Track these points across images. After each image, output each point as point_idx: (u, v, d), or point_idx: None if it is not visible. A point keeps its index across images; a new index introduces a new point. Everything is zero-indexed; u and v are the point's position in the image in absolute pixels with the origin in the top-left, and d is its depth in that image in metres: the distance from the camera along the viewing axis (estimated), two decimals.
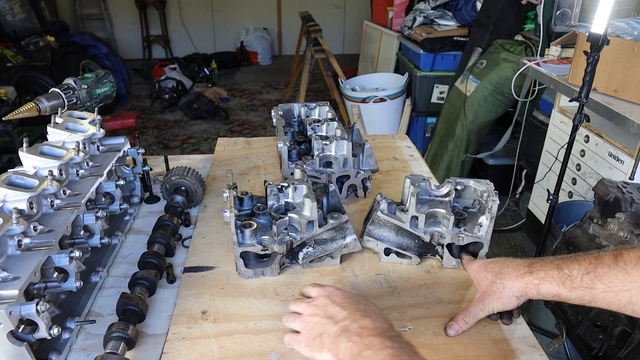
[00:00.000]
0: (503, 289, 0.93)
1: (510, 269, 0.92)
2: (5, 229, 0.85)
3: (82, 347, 0.97)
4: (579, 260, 0.84)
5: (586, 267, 0.82)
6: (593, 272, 0.81)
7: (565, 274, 0.84)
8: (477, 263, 1.02)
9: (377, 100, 4.64)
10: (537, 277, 0.88)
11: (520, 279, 0.90)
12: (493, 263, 0.98)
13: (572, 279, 0.83)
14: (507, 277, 0.92)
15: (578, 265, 0.83)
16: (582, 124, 2.30)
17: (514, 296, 0.92)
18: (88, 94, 1.38)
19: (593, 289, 0.81)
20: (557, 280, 0.85)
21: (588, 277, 0.81)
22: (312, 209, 1.12)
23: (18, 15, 6.07)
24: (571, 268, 0.84)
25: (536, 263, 0.90)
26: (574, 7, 1.86)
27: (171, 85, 6.51)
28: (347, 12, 9.15)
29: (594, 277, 0.80)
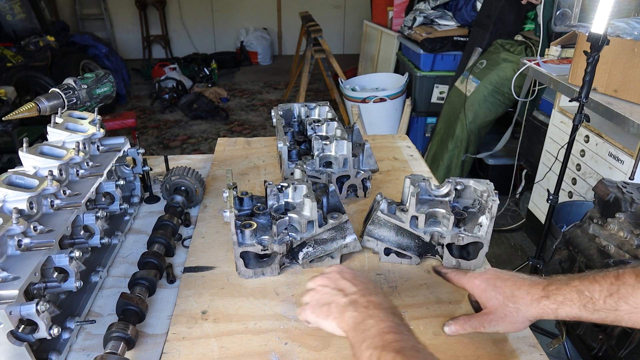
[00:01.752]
0: (517, 314, 0.89)
1: (524, 292, 0.88)
2: (5, 229, 0.85)
3: (82, 347, 0.97)
4: (598, 282, 0.81)
5: (608, 289, 0.79)
6: (616, 294, 0.78)
7: (586, 297, 0.81)
8: (481, 279, 0.96)
9: (377, 100, 4.64)
10: (554, 301, 0.84)
11: (536, 303, 0.86)
12: (502, 282, 0.92)
13: (594, 302, 0.80)
14: (521, 302, 0.88)
15: (599, 287, 0.80)
16: (582, 124, 2.30)
17: (527, 320, 0.89)
18: (88, 94, 1.38)
19: (617, 310, 0.79)
20: (577, 304, 0.82)
21: (611, 299, 0.79)
22: (312, 209, 1.12)
23: (18, 15, 6.07)
24: (592, 290, 0.81)
25: (551, 285, 0.86)
26: (574, 7, 1.86)
27: (171, 85, 6.51)
28: (347, 12, 9.15)
29: (618, 299, 0.78)
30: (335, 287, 0.88)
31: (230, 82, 7.68)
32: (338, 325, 0.82)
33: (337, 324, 0.82)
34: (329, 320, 0.84)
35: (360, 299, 0.82)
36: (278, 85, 7.52)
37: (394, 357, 0.69)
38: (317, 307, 0.87)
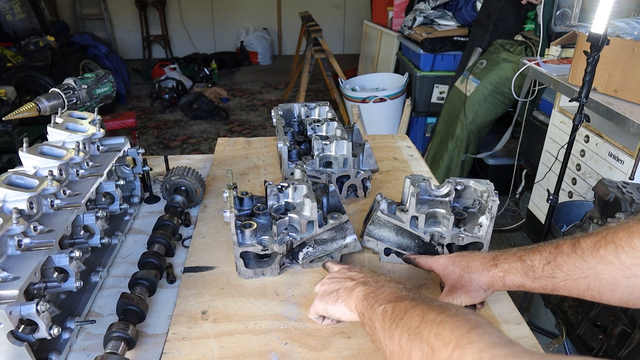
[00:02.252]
0: (471, 283, 0.94)
1: (477, 263, 0.93)
2: (5, 229, 0.85)
3: (82, 347, 0.97)
4: (539, 251, 0.85)
5: (546, 257, 0.83)
6: (553, 262, 0.82)
7: (527, 265, 0.85)
8: (444, 257, 1.02)
9: (377, 100, 4.64)
10: (501, 269, 0.89)
11: (486, 272, 0.91)
12: (460, 257, 0.98)
13: (534, 270, 0.84)
14: (475, 271, 0.93)
15: (539, 256, 0.84)
16: (582, 124, 2.30)
17: (481, 289, 0.93)
18: (88, 94, 1.38)
19: (554, 277, 0.82)
20: (520, 271, 0.86)
21: (549, 267, 0.82)
22: (312, 209, 1.12)
23: (18, 15, 6.07)
24: (532, 259, 0.85)
25: (500, 255, 0.91)
26: (574, 7, 1.86)
27: (171, 85, 6.51)
28: (347, 12, 9.15)
29: (555, 267, 0.82)
30: (343, 276, 0.91)
31: (230, 82, 7.68)
32: (347, 305, 0.84)
33: (345, 305, 0.85)
34: (337, 305, 0.86)
35: (369, 279, 0.86)
36: (278, 85, 7.52)
37: (409, 302, 0.72)
38: (325, 296, 0.90)
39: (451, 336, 0.59)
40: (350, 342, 0.97)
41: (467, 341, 0.57)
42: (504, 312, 1.06)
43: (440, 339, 0.60)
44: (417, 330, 0.65)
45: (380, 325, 0.73)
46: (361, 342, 0.97)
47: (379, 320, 0.74)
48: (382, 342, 0.72)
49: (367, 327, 0.78)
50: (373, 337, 0.76)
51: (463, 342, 0.57)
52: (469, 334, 0.58)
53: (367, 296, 0.81)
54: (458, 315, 0.64)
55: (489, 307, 1.07)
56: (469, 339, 0.57)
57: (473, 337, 0.57)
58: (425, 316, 0.66)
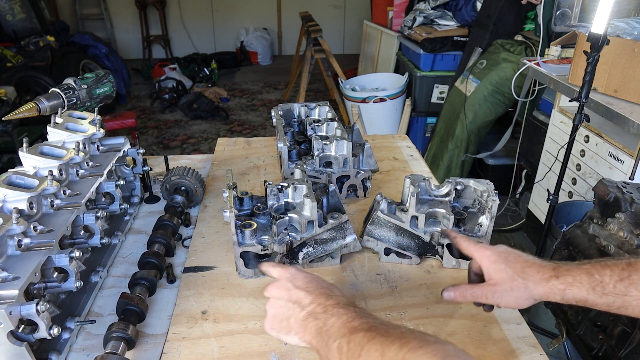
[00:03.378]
0: (524, 290, 0.88)
1: (534, 270, 0.88)
2: (5, 229, 0.85)
3: (82, 347, 0.97)
4: (610, 267, 0.82)
5: (619, 274, 0.80)
6: (627, 280, 0.79)
7: (596, 279, 0.81)
8: (492, 250, 0.95)
9: (377, 100, 4.64)
10: (563, 281, 0.84)
11: (544, 282, 0.86)
12: (513, 257, 0.92)
13: (604, 286, 0.80)
14: (531, 279, 0.87)
15: (610, 272, 0.81)
16: (582, 124, 2.30)
17: (532, 298, 0.89)
18: (88, 94, 1.38)
19: (626, 295, 0.79)
20: (586, 286, 0.82)
21: (622, 284, 0.79)
22: (312, 209, 1.12)
23: (18, 15, 6.07)
24: (602, 274, 0.81)
25: (562, 267, 0.87)
26: (574, 7, 1.86)
27: (171, 85, 6.50)
28: (347, 12, 9.15)
29: (629, 284, 0.78)
30: (289, 299, 0.85)
31: (230, 82, 7.68)
32: (301, 339, 0.80)
33: (299, 338, 0.81)
34: (290, 336, 0.82)
35: (317, 308, 0.80)
36: (278, 85, 7.52)
37: (364, 334, 0.67)
38: (276, 323, 0.85)
39: None
40: None
41: None
42: (504, 312, 1.06)
43: None
44: None
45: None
46: None
47: (335, 358, 0.70)
48: None
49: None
50: None
51: None
52: None
53: (319, 332, 0.76)
54: (422, 346, 0.59)
55: None
56: None
57: None
58: (385, 352, 0.61)
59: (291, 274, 0.89)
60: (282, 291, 0.87)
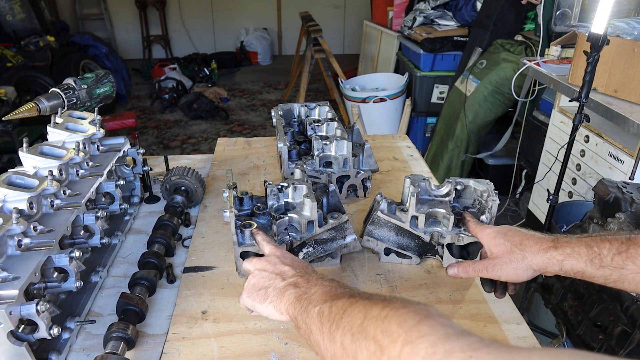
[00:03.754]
0: (522, 260, 0.89)
1: (532, 242, 0.89)
2: (5, 229, 0.85)
3: (82, 347, 0.97)
4: (609, 240, 0.82)
5: (618, 247, 0.80)
6: (625, 253, 0.79)
7: (594, 251, 0.81)
8: (493, 229, 0.98)
9: (377, 100, 4.64)
10: (562, 252, 0.85)
11: (542, 253, 0.87)
12: (512, 232, 0.94)
13: (602, 258, 0.80)
14: (529, 249, 0.89)
15: (609, 245, 0.81)
16: (582, 124, 2.30)
17: (531, 269, 0.89)
18: (88, 94, 1.38)
19: (623, 269, 0.79)
20: (584, 257, 0.82)
21: (619, 257, 0.79)
22: (312, 209, 1.12)
23: (18, 15, 6.07)
24: (601, 246, 0.81)
25: (561, 239, 0.87)
26: (574, 7, 1.86)
27: (171, 85, 6.50)
28: (347, 12, 9.15)
29: (626, 258, 0.79)
30: (273, 271, 0.86)
31: (230, 82, 7.68)
32: (276, 307, 0.80)
33: (274, 307, 0.80)
34: (265, 304, 0.82)
35: (299, 280, 0.81)
36: (278, 85, 7.52)
37: (347, 299, 0.67)
38: (254, 291, 0.85)
39: (399, 331, 0.55)
40: None
41: (417, 335, 0.53)
42: (504, 312, 1.06)
43: (387, 335, 0.55)
44: (360, 329, 0.60)
45: (317, 328, 0.68)
46: None
47: (315, 322, 0.69)
48: (320, 345, 0.67)
49: (302, 331, 0.73)
50: (310, 340, 0.71)
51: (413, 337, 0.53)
52: (418, 326, 0.54)
53: (299, 298, 0.75)
54: (405, 306, 0.59)
55: (489, 307, 1.07)
56: (419, 332, 0.53)
57: (424, 330, 0.53)
58: (368, 312, 0.61)
59: (281, 253, 0.92)
60: (268, 264, 0.88)
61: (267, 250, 0.95)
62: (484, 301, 1.09)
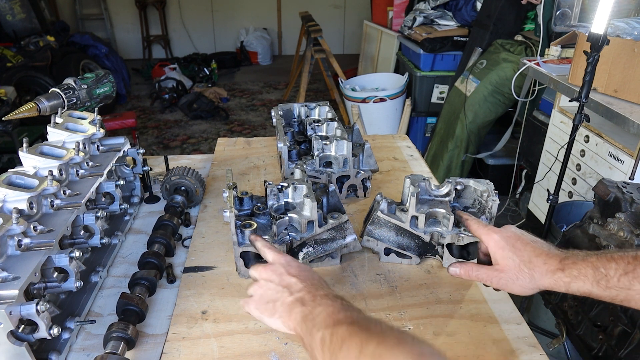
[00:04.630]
0: (529, 280, 0.88)
1: (541, 261, 0.88)
2: (5, 229, 0.85)
3: (82, 347, 0.97)
4: (615, 260, 0.81)
5: (624, 268, 0.80)
6: (632, 273, 0.79)
7: (601, 273, 0.81)
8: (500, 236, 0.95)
9: (377, 100, 4.64)
10: (569, 274, 0.84)
11: (550, 274, 0.86)
12: (522, 245, 0.92)
13: (608, 279, 0.80)
14: (537, 270, 0.88)
15: (616, 265, 0.80)
16: (582, 124, 2.30)
17: (537, 288, 0.89)
18: (88, 94, 1.38)
19: (630, 289, 0.79)
20: (591, 279, 0.82)
21: (626, 278, 0.79)
22: (312, 209, 1.12)
23: (18, 15, 6.07)
24: (608, 267, 0.81)
25: (568, 259, 0.86)
26: (574, 7, 1.86)
27: (171, 85, 6.50)
28: (347, 12, 9.15)
29: (633, 278, 0.79)
30: (280, 283, 0.86)
31: (230, 82, 7.68)
32: (284, 323, 0.81)
33: (283, 322, 0.82)
34: (274, 319, 0.83)
35: (306, 296, 0.82)
36: (278, 85, 7.52)
37: (346, 328, 0.69)
38: (262, 304, 0.86)
39: None
40: None
41: None
42: (504, 312, 1.06)
43: None
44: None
45: (320, 354, 0.71)
46: None
47: (317, 349, 0.71)
48: None
49: (308, 352, 0.76)
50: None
51: None
52: None
53: (305, 319, 0.77)
54: (399, 345, 0.60)
55: (489, 307, 1.07)
56: None
57: None
58: (364, 348, 0.63)
59: (286, 261, 0.91)
60: (274, 275, 0.88)
61: (270, 257, 0.95)
62: (484, 301, 1.09)
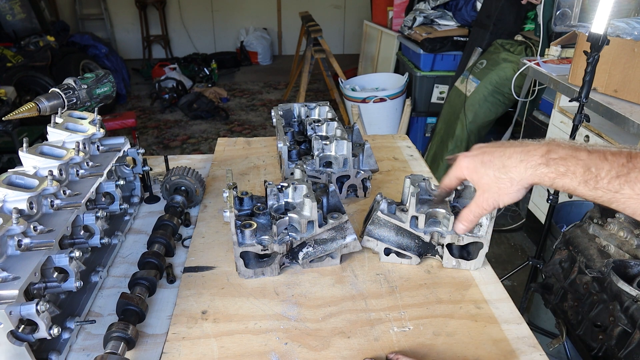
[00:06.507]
0: (511, 185, 0.85)
1: (516, 161, 0.83)
2: (5, 229, 0.85)
3: (82, 347, 0.97)
4: (609, 160, 0.76)
5: (617, 170, 0.74)
6: (625, 177, 0.74)
7: (591, 173, 0.76)
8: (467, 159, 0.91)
9: (377, 100, 4.64)
10: (555, 171, 0.79)
11: (531, 170, 0.82)
12: (490, 155, 0.87)
13: (598, 180, 0.76)
14: (514, 171, 0.84)
15: (609, 167, 0.75)
16: (582, 124, 2.30)
17: (523, 188, 0.85)
18: (88, 94, 1.38)
19: (617, 192, 0.75)
20: (579, 178, 0.77)
21: (617, 181, 0.74)
22: (312, 209, 1.12)
23: (18, 15, 6.07)
24: (599, 168, 0.76)
25: (552, 152, 0.80)
26: (574, 7, 1.86)
27: (171, 85, 6.51)
28: (347, 12, 9.15)
29: (625, 182, 0.74)
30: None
31: (230, 82, 7.68)
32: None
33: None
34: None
35: None
36: (278, 85, 7.52)
37: None
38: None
39: None
40: (350, 342, 0.97)
41: None
42: (504, 312, 1.06)
43: None
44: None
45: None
46: (361, 342, 0.97)
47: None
48: None
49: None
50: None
51: None
52: None
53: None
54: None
55: (489, 307, 1.07)
56: None
57: None
58: None
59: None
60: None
61: None
62: (484, 301, 1.09)
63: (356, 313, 1.05)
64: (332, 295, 1.11)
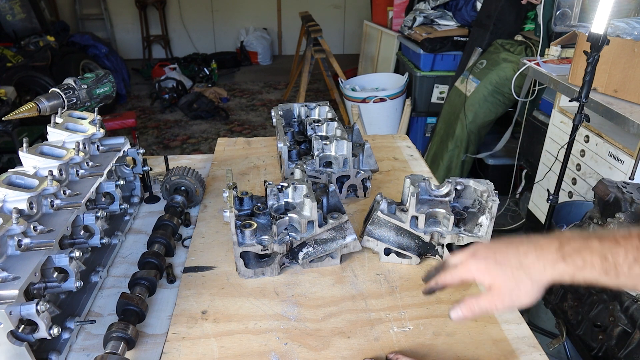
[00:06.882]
0: (531, 284, 0.80)
1: (533, 259, 0.79)
2: (5, 229, 0.85)
3: (82, 347, 0.97)
4: (621, 244, 0.74)
5: (634, 254, 0.73)
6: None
7: (609, 262, 0.74)
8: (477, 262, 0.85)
9: (377, 100, 4.64)
10: (572, 265, 0.77)
11: (550, 268, 0.78)
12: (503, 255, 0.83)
13: (618, 268, 0.74)
14: (533, 270, 0.79)
15: (624, 252, 0.73)
16: (582, 124, 2.29)
17: (542, 287, 0.80)
18: (88, 94, 1.38)
19: None
20: (598, 269, 0.75)
21: (637, 266, 0.73)
22: (312, 209, 1.12)
23: (18, 15, 6.07)
24: (615, 254, 0.74)
25: (566, 246, 0.78)
26: (574, 7, 1.86)
27: (171, 85, 6.50)
28: (347, 12, 9.15)
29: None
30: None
31: (230, 82, 7.68)
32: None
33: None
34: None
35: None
36: (278, 85, 7.51)
37: None
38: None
39: None
40: (350, 342, 0.97)
41: None
42: (504, 312, 1.06)
43: None
44: None
45: None
46: (361, 342, 0.97)
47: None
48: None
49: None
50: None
51: None
52: None
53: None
54: None
55: None
56: None
57: None
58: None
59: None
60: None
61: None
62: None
63: (356, 313, 1.05)
64: (332, 295, 1.11)
